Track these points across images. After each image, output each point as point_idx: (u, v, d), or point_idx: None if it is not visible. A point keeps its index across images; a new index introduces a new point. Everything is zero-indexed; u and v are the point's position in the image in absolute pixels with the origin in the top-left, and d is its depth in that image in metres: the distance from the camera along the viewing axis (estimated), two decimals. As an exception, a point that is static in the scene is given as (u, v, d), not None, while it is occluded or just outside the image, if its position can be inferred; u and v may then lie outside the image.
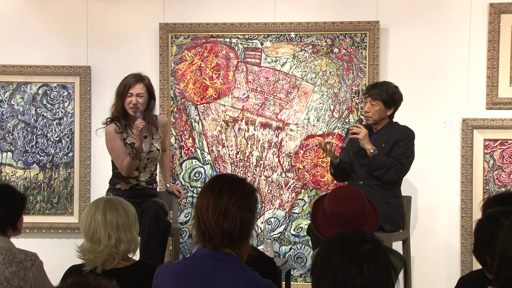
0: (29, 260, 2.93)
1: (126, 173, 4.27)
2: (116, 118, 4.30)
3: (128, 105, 4.27)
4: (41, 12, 5.20)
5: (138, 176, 4.35)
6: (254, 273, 2.29)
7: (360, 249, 1.71)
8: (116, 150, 4.28)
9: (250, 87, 5.02)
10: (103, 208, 2.65)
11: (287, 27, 4.96)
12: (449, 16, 4.90)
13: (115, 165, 4.37)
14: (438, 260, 4.81)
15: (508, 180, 4.81)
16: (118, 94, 4.31)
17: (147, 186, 4.40)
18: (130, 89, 4.28)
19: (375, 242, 1.74)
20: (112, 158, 4.34)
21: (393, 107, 4.32)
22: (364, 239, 1.74)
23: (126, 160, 4.23)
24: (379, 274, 1.70)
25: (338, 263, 1.70)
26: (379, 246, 1.74)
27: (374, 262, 1.69)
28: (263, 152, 5.01)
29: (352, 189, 3.38)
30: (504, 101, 4.82)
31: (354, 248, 1.71)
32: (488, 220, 2.48)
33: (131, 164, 4.23)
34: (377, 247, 1.73)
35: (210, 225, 2.27)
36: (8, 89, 5.17)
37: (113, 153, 4.31)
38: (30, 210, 5.09)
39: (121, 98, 4.28)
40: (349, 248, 1.71)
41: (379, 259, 1.70)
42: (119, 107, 4.30)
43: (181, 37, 5.06)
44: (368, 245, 1.72)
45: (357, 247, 1.71)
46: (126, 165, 4.23)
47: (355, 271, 1.68)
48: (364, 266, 1.69)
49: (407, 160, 4.29)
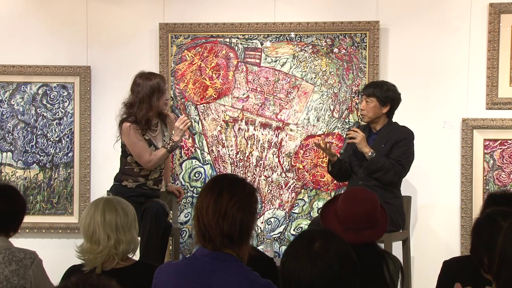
0: (28, 258, 2.93)
1: (153, 165, 4.27)
2: (138, 122, 4.24)
3: (164, 103, 4.32)
4: (41, 12, 5.20)
5: (149, 174, 4.35)
6: (254, 273, 2.29)
7: (310, 248, 1.81)
8: (141, 143, 4.24)
9: (250, 87, 5.02)
10: (102, 209, 2.65)
11: (287, 27, 4.96)
12: (449, 16, 4.90)
13: (126, 161, 4.34)
14: (438, 260, 4.75)
15: (508, 180, 4.81)
16: (149, 94, 4.23)
17: (153, 186, 4.40)
18: (164, 86, 4.30)
19: (324, 239, 1.84)
20: (137, 152, 4.25)
21: (389, 104, 4.31)
22: (312, 239, 1.84)
23: (160, 152, 4.25)
24: (330, 270, 1.79)
25: (296, 269, 1.82)
26: (327, 243, 1.82)
27: (323, 259, 1.77)
28: (263, 152, 5.01)
29: (367, 191, 3.41)
30: (504, 101, 4.82)
31: (304, 247, 1.82)
32: (486, 220, 2.49)
33: (164, 156, 4.28)
34: (325, 244, 1.82)
35: (210, 226, 2.27)
36: (8, 89, 5.17)
37: (137, 147, 4.24)
38: (30, 210, 5.08)
39: (156, 97, 4.24)
40: (300, 248, 1.84)
41: (329, 252, 1.80)
42: (153, 107, 4.24)
43: (181, 37, 5.06)
44: (317, 244, 1.82)
45: (307, 246, 1.82)
46: (158, 157, 4.25)
47: (315, 271, 1.79)
48: (308, 264, 1.80)
49: (406, 161, 4.30)
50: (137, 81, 4.28)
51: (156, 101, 4.24)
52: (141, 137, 4.25)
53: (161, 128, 4.39)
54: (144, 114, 4.23)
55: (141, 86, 4.24)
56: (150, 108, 4.23)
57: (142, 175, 4.34)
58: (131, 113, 4.26)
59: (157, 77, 4.31)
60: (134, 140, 4.23)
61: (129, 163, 4.34)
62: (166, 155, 4.29)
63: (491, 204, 2.95)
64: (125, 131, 4.23)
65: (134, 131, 4.22)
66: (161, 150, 4.26)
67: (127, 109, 4.28)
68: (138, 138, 4.23)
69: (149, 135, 4.30)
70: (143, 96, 4.23)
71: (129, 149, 4.29)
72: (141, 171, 4.34)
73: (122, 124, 4.25)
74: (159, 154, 4.25)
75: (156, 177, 4.40)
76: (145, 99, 4.23)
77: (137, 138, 4.23)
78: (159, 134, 4.37)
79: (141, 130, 4.25)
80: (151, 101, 4.23)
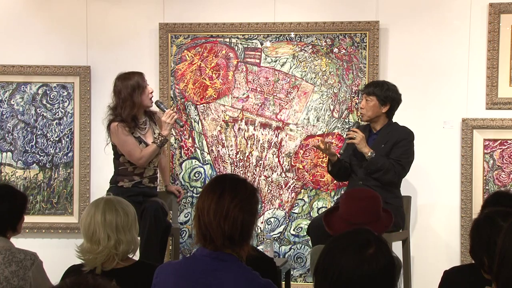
0: (28, 259, 2.93)
1: (145, 161, 4.33)
2: (125, 121, 4.30)
3: (148, 97, 4.36)
4: (41, 12, 5.20)
5: (143, 172, 4.39)
6: (254, 273, 2.29)
7: (364, 251, 1.76)
8: (130, 141, 4.31)
9: (250, 87, 5.02)
10: (102, 209, 2.65)
11: (287, 27, 4.96)
12: (449, 16, 4.90)
13: (119, 162, 4.39)
14: (438, 260, 4.81)
15: (508, 180, 4.81)
16: (130, 92, 4.30)
17: (149, 184, 4.43)
18: (143, 82, 4.35)
19: (378, 244, 1.79)
20: (127, 150, 4.33)
21: (388, 104, 4.31)
22: (367, 241, 1.79)
23: (150, 148, 4.32)
24: (380, 275, 1.75)
25: (341, 264, 1.75)
26: (381, 248, 1.79)
27: (376, 263, 1.73)
28: (263, 152, 5.01)
29: (369, 190, 3.44)
30: (504, 101, 4.82)
31: (358, 250, 1.76)
32: (485, 221, 2.49)
33: (154, 151, 4.33)
34: (379, 249, 1.78)
35: (211, 227, 2.27)
36: (8, 89, 5.17)
37: (127, 145, 4.32)
38: (30, 210, 5.08)
39: (137, 94, 4.30)
40: (353, 250, 1.77)
41: (379, 261, 1.75)
42: (136, 104, 4.30)
43: (181, 37, 5.06)
44: (371, 248, 1.77)
45: (360, 249, 1.76)
46: (149, 152, 4.31)
47: (358, 272, 1.74)
48: (365, 266, 1.74)
49: (406, 161, 4.30)
50: (117, 83, 4.37)
51: (138, 98, 4.32)
52: (130, 135, 4.32)
53: (150, 125, 4.45)
54: (129, 112, 4.30)
55: (121, 87, 4.33)
56: (133, 106, 4.30)
57: (137, 174, 4.38)
58: (116, 114, 4.34)
59: (135, 75, 4.37)
60: (123, 138, 4.30)
61: (122, 163, 4.39)
62: (157, 150, 4.36)
63: (494, 202, 2.96)
64: (113, 131, 4.32)
65: (122, 129, 4.29)
66: (151, 145, 4.34)
67: (113, 111, 4.36)
68: (127, 136, 4.30)
69: (138, 133, 4.36)
70: (125, 96, 4.31)
71: (119, 149, 4.35)
72: (135, 169, 4.38)
73: (110, 125, 4.34)
74: (149, 149, 4.32)
75: (151, 175, 4.44)
76: (127, 98, 4.30)
77: (126, 136, 4.30)
78: (149, 131, 4.43)
79: (129, 128, 4.31)
80: (133, 99, 4.30)
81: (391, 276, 1.78)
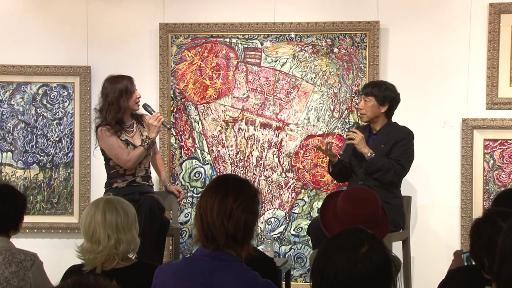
0: (29, 260, 2.93)
1: (133, 164, 4.34)
2: (109, 124, 4.32)
3: (135, 101, 4.37)
4: (41, 12, 5.20)
5: (135, 173, 4.41)
6: (254, 273, 2.29)
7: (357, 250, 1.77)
8: (117, 145, 4.32)
9: (250, 87, 5.02)
10: (102, 209, 2.65)
11: (287, 27, 4.96)
12: (449, 16, 4.90)
13: (110, 166, 4.41)
14: (438, 260, 4.81)
15: (508, 180, 4.81)
16: (117, 96, 4.30)
17: (143, 182, 4.44)
18: (132, 87, 4.35)
19: (371, 242, 1.80)
20: (114, 153, 4.34)
21: (387, 104, 4.31)
22: (360, 240, 1.80)
23: (138, 150, 4.33)
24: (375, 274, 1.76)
25: (335, 265, 1.76)
26: (374, 246, 1.79)
27: (369, 262, 1.75)
28: (263, 152, 5.01)
29: (368, 192, 3.40)
30: (504, 101, 4.82)
31: (352, 249, 1.77)
32: (485, 221, 2.49)
33: (142, 154, 4.34)
34: (372, 247, 1.79)
35: (214, 226, 2.27)
36: (8, 89, 5.17)
37: (114, 149, 4.33)
38: (30, 210, 5.08)
39: (124, 99, 4.31)
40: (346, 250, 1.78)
41: (373, 259, 1.76)
42: (122, 108, 4.31)
43: (181, 37, 5.06)
44: (364, 247, 1.78)
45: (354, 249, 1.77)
46: (137, 155, 4.32)
47: (352, 272, 1.74)
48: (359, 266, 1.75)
49: (406, 161, 4.29)
50: (105, 85, 4.37)
51: (125, 102, 4.33)
52: (116, 138, 4.33)
53: (138, 128, 4.46)
54: (113, 116, 4.31)
55: (109, 90, 4.33)
56: (119, 110, 4.31)
57: (129, 174, 4.41)
58: (102, 117, 4.35)
59: (124, 79, 4.37)
60: (110, 142, 4.32)
61: (113, 166, 4.42)
62: (144, 153, 4.37)
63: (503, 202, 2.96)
64: (100, 136, 4.34)
65: (108, 132, 4.31)
66: (138, 148, 4.35)
67: (99, 113, 4.38)
68: (113, 139, 4.31)
69: (126, 135, 4.37)
70: (112, 99, 4.31)
71: (107, 153, 4.38)
72: (126, 171, 4.41)
73: (97, 130, 4.36)
74: (136, 152, 4.34)
75: (143, 175, 4.46)
76: (114, 101, 4.31)
77: (112, 140, 4.31)
78: (137, 134, 4.44)
79: (115, 131, 4.32)
80: (119, 103, 4.31)
81: (388, 274, 1.78)
